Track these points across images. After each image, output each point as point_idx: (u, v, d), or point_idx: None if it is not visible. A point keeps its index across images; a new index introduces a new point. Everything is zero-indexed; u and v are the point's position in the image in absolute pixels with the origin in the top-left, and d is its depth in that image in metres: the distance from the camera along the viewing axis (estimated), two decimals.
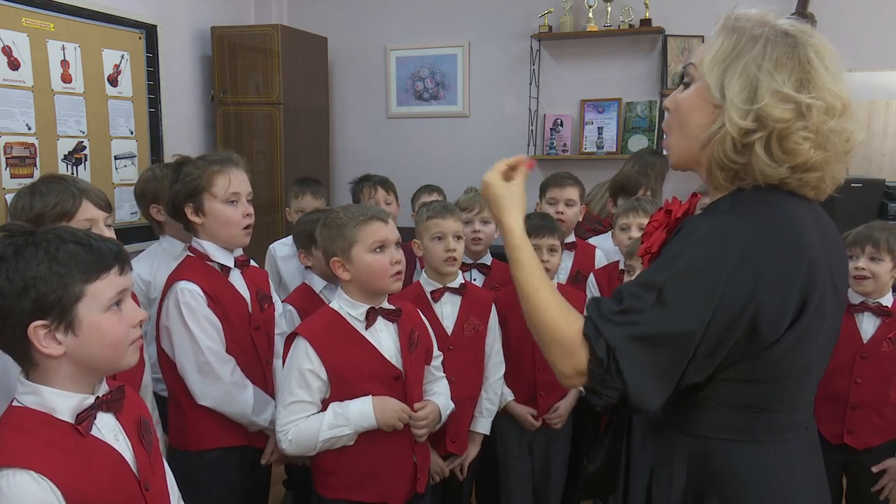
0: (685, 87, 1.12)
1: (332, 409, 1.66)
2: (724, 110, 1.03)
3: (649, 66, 4.04)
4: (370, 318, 1.71)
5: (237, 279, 1.89)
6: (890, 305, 2.04)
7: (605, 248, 2.62)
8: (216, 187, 1.79)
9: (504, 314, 2.15)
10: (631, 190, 2.85)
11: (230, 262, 1.87)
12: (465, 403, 2.06)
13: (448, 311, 2.07)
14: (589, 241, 2.72)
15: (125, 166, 3.52)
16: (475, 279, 2.36)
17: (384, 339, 1.73)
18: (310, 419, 1.66)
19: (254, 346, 1.90)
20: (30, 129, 3.04)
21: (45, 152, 3.10)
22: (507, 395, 2.19)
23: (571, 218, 2.59)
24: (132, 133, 3.56)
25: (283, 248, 2.67)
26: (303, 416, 1.66)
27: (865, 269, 2.00)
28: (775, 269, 0.99)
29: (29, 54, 3.01)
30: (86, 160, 3.30)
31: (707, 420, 1.09)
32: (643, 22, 3.90)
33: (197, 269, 1.82)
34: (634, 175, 2.92)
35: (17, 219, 1.62)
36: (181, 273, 1.81)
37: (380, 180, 2.88)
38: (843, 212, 1.90)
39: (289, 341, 1.72)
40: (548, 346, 1.07)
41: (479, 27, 4.31)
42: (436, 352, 1.90)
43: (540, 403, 2.20)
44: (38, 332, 1.04)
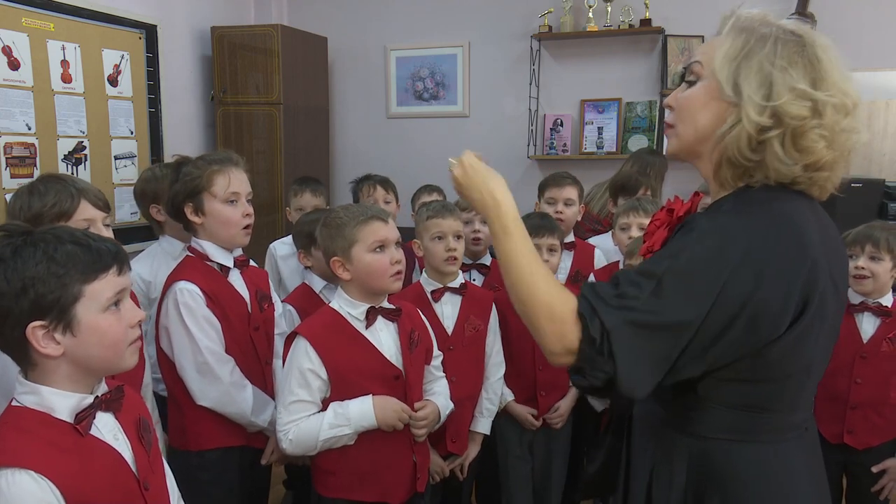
0: (688, 86, 1.11)
1: (332, 408, 1.66)
2: (741, 107, 1.03)
3: (649, 66, 4.03)
4: (370, 318, 1.71)
5: (237, 279, 1.89)
6: (890, 305, 2.04)
7: (605, 248, 2.62)
8: (216, 187, 1.79)
9: (504, 314, 2.15)
10: (631, 189, 2.85)
11: (230, 262, 1.87)
12: (465, 403, 2.06)
13: (448, 310, 2.07)
14: (588, 240, 2.71)
15: (125, 166, 3.52)
16: (475, 279, 2.35)
17: (384, 338, 1.73)
18: (310, 419, 1.66)
19: (253, 346, 1.90)
20: (30, 129, 3.04)
21: (45, 152, 3.10)
22: (508, 395, 2.19)
23: (570, 217, 2.58)
24: (132, 133, 3.56)
25: (284, 247, 2.68)
26: (303, 415, 1.66)
27: (865, 269, 2.00)
28: (777, 269, 0.98)
29: (29, 54, 3.01)
30: (86, 160, 3.30)
31: (707, 420, 1.09)
32: (643, 22, 3.90)
33: (196, 269, 1.82)
34: (634, 175, 2.91)
35: (16, 218, 1.61)
36: (180, 273, 1.81)
37: (379, 179, 2.89)
38: (843, 212, 1.90)
39: (289, 341, 1.72)
40: (537, 319, 1.05)
41: (479, 27, 4.30)
42: (436, 351, 1.90)
43: (540, 403, 2.20)
44: (36, 332, 1.04)
